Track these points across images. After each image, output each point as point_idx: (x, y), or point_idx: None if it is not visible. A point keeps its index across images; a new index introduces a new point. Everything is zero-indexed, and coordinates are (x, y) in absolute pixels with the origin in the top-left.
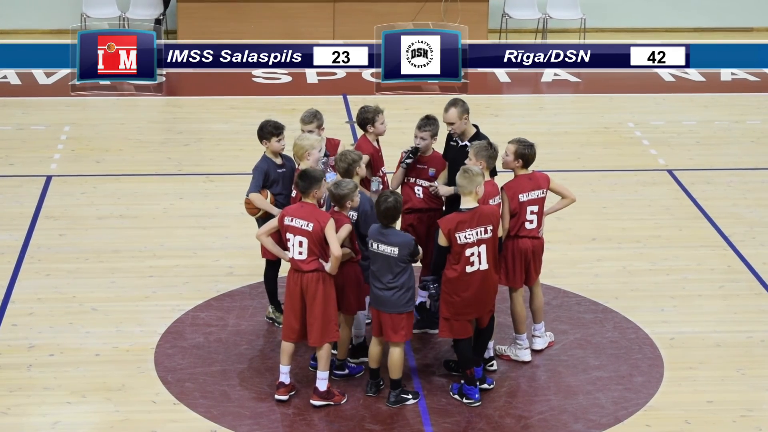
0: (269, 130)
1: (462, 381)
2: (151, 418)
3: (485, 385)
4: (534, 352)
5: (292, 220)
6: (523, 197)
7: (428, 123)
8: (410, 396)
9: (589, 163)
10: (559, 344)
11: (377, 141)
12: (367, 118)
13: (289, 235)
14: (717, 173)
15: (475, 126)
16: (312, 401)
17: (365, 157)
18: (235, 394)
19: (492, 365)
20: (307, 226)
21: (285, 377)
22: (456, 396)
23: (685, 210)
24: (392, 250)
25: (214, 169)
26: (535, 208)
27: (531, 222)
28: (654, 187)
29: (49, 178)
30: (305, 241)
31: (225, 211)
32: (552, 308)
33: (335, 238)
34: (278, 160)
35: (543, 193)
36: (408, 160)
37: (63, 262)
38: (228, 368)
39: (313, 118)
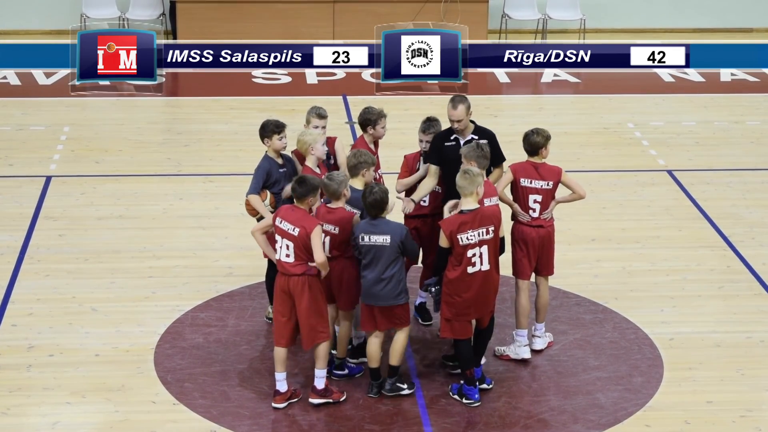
0: (271, 128)
1: (461, 381)
2: (151, 418)
3: (484, 385)
4: (534, 352)
5: (281, 222)
6: (524, 182)
7: (431, 125)
8: (405, 386)
9: (589, 164)
10: (559, 344)
11: (375, 144)
12: (369, 120)
13: (277, 237)
14: (716, 174)
15: (472, 122)
16: (310, 399)
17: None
18: (235, 394)
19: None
20: (294, 230)
21: (281, 384)
22: (455, 396)
23: (685, 210)
24: (384, 239)
25: (214, 170)
26: (539, 198)
27: (534, 210)
28: (653, 187)
29: (48, 179)
30: (291, 245)
31: (225, 211)
32: (552, 308)
33: (320, 245)
34: (279, 160)
35: (548, 185)
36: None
37: (63, 263)
38: (227, 368)
39: (327, 115)
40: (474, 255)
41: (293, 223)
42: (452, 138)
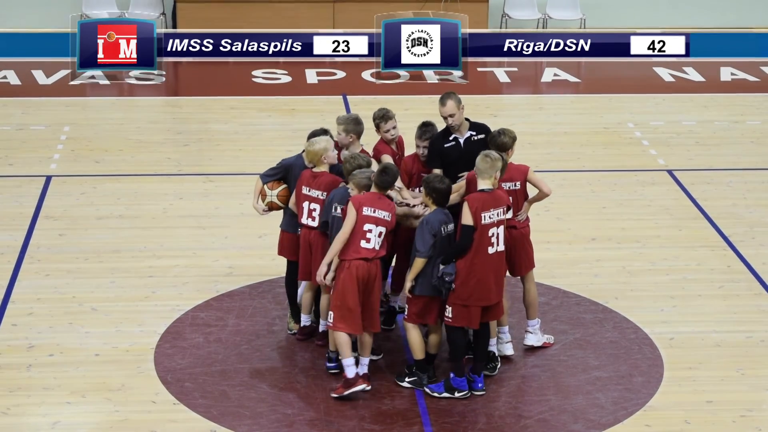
0: (314, 134)
1: (441, 379)
2: (151, 418)
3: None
4: (533, 351)
5: (374, 211)
6: None
7: (427, 131)
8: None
9: (589, 163)
10: (559, 344)
11: (398, 145)
12: (374, 123)
13: (370, 226)
14: (717, 173)
15: (467, 119)
16: (366, 386)
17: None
18: (235, 394)
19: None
20: (389, 217)
21: (359, 368)
22: (446, 394)
23: (685, 210)
24: (453, 225)
25: (214, 169)
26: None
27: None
28: (654, 187)
29: (48, 178)
30: (384, 230)
31: (225, 211)
32: (552, 308)
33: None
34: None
35: (516, 185)
36: None
37: (63, 262)
38: (227, 368)
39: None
40: (493, 235)
41: (386, 210)
42: (451, 138)
